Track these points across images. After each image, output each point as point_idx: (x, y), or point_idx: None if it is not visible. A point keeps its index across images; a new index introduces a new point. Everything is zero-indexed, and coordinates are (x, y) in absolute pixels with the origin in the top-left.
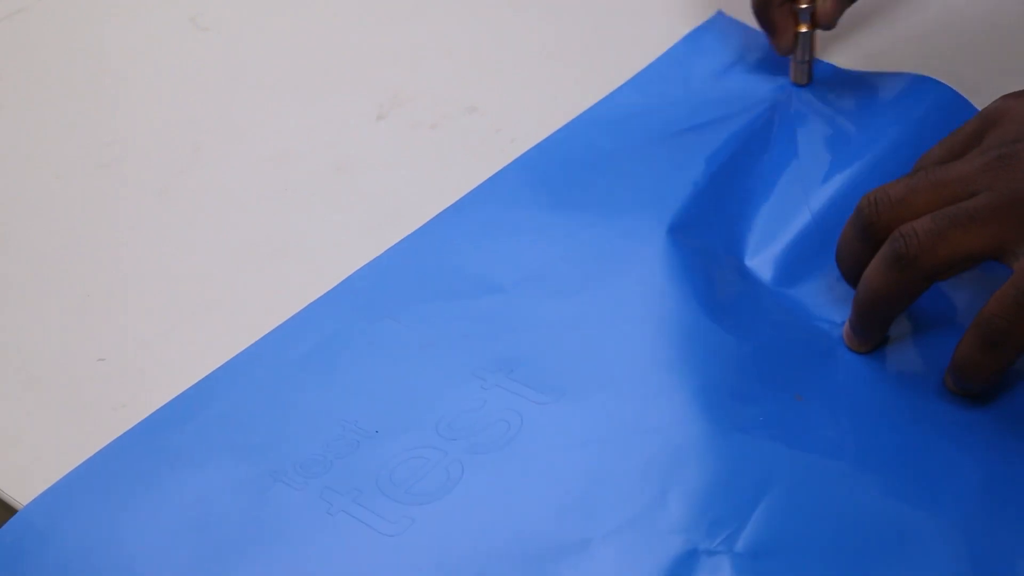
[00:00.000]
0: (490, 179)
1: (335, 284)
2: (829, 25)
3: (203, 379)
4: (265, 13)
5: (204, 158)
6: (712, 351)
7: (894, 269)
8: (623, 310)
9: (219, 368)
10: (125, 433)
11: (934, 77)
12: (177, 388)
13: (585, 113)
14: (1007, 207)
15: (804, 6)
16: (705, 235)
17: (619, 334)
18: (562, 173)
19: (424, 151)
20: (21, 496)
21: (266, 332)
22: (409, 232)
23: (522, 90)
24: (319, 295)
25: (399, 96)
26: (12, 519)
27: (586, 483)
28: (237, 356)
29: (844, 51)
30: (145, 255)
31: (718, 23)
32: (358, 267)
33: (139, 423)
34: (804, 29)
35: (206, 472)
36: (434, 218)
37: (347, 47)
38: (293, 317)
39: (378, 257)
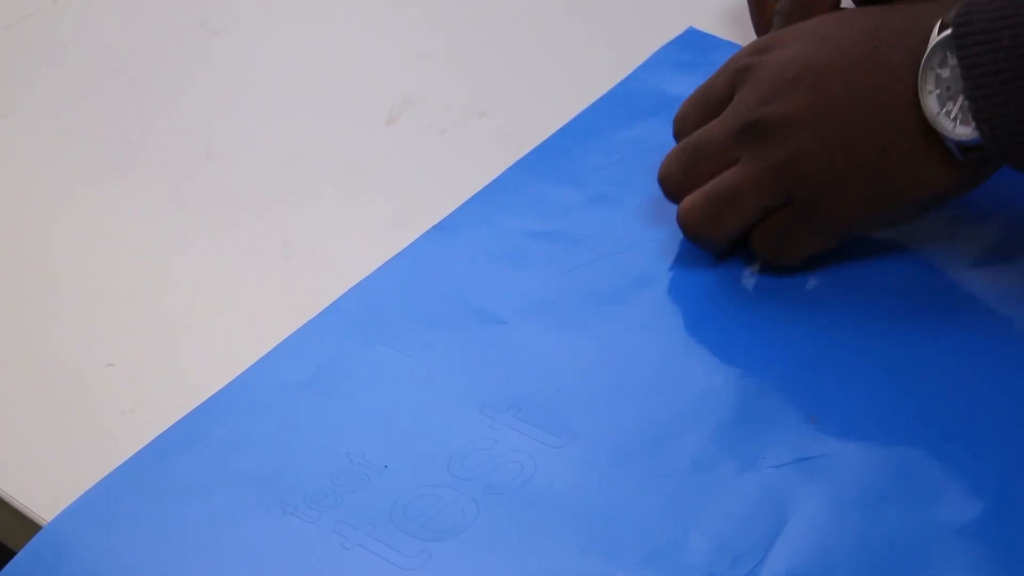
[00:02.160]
0: (473, 197)
1: (345, 289)
2: None
3: (204, 403)
4: (275, 17)
5: (214, 162)
6: (722, 384)
7: (695, 242)
8: (627, 347)
9: (219, 391)
10: (130, 459)
11: None
12: (186, 392)
13: (562, 129)
14: (767, 176)
15: None
16: (706, 258)
17: (625, 372)
18: (547, 192)
19: (434, 155)
20: (27, 500)
21: (276, 337)
22: (416, 237)
23: (531, 95)
24: (330, 300)
25: (409, 100)
26: (19, 554)
27: (606, 522)
28: (236, 380)
29: None
30: (155, 258)
31: (691, 38)
32: (368, 271)
33: (143, 449)
34: None
35: (213, 501)
36: (418, 239)
37: (357, 51)
38: (289, 338)
39: (367, 278)
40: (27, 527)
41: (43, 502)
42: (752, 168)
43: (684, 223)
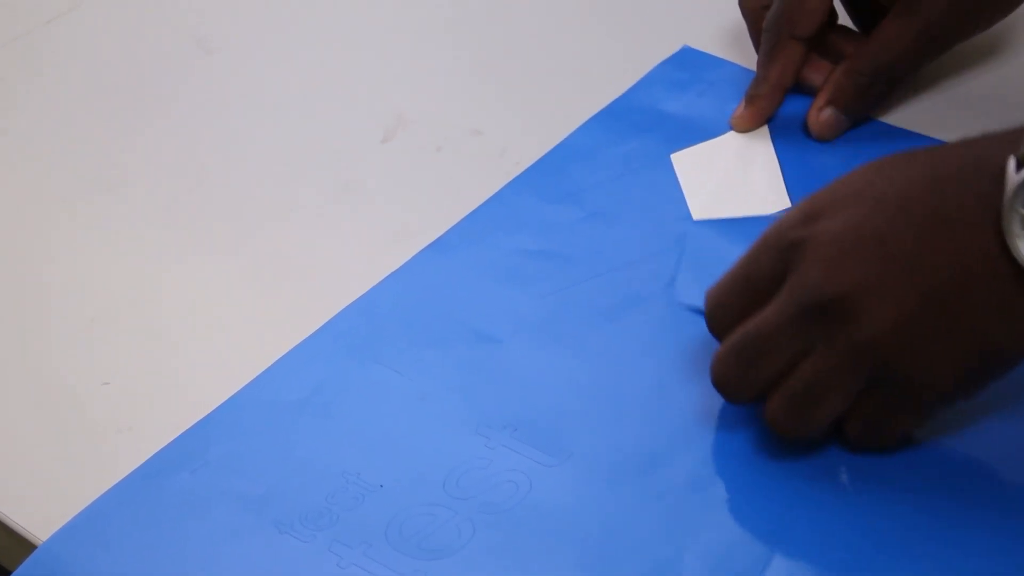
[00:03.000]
0: (469, 216)
1: (341, 307)
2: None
3: (199, 422)
4: (271, 36)
5: (210, 180)
6: (717, 403)
7: (792, 441)
8: (622, 365)
9: (215, 410)
10: (125, 478)
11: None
12: (182, 411)
13: (557, 147)
14: (851, 362)
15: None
16: (701, 278)
17: (621, 391)
18: (542, 210)
19: (429, 174)
20: (23, 519)
21: (272, 355)
22: (411, 255)
23: (526, 113)
24: (325, 318)
25: (404, 119)
26: (14, 574)
27: (601, 541)
28: (232, 398)
29: None
30: (150, 277)
31: (686, 56)
32: (364, 290)
33: (138, 468)
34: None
35: (209, 521)
36: (413, 258)
37: (353, 70)
38: (284, 357)
39: (362, 296)
40: (23, 546)
41: (39, 521)
42: (831, 356)
43: (775, 430)
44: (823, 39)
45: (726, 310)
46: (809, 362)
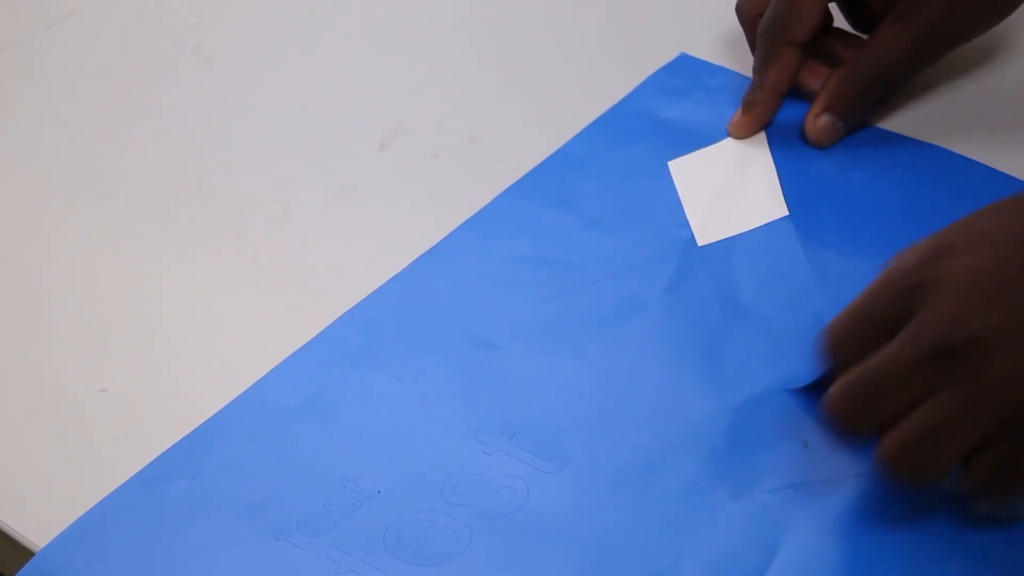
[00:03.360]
0: (466, 222)
1: (338, 314)
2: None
3: (197, 429)
4: (268, 43)
5: (207, 188)
6: (715, 409)
7: (904, 484)
8: (620, 372)
9: (212, 417)
10: (122, 485)
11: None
12: (179, 418)
13: (554, 154)
14: (981, 403)
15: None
16: (698, 283)
17: (619, 397)
18: (540, 217)
19: (426, 181)
20: (19, 526)
21: (269, 362)
22: (409, 262)
23: (524, 120)
24: (323, 325)
25: (401, 126)
26: None
27: (598, 548)
28: (230, 405)
29: None
30: (147, 284)
31: (683, 63)
32: (362, 296)
33: (136, 475)
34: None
35: (206, 527)
36: (411, 264)
37: (350, 77)
38: (282, 364)
39: (360, 303)
40: (21, 553)
41: (36, 528)
42: (961, 397)
43: (895, 470)
44: (820, 43)
45: (844, 350)
46: (935, 402)
